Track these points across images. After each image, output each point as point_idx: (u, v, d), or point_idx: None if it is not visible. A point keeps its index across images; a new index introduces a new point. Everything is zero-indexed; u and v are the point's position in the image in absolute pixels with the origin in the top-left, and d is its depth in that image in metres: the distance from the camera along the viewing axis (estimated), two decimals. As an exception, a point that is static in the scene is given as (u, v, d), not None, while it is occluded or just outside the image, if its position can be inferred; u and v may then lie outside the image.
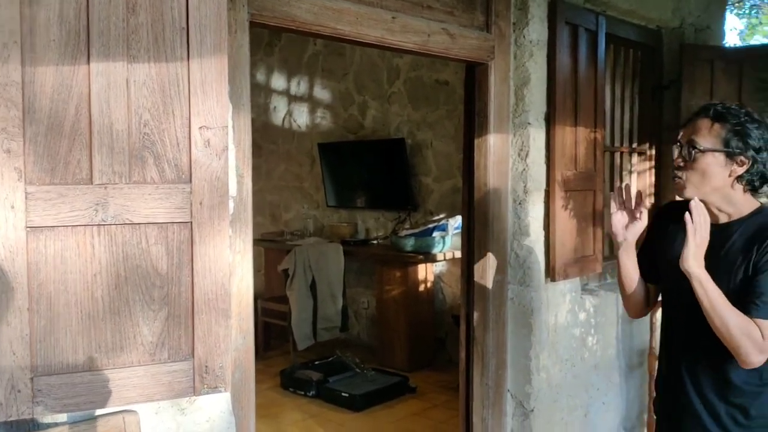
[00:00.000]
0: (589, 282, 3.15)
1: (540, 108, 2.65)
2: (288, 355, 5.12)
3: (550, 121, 2.66)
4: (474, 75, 2.60)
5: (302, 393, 4.47)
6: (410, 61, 5.15)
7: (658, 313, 3.11)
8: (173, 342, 1.39)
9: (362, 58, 5.52)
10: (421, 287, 5.08)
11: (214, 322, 1.42)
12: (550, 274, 2.72)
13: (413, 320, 4.98)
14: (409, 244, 4.89)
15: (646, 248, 1.91)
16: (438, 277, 5.23)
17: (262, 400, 4.41)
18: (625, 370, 3.19)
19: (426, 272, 5.11)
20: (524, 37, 2.58)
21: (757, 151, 1.60)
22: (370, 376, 4.57)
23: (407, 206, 5.30)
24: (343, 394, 4.29)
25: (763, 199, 1.78)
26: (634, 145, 3.46)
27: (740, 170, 1.61)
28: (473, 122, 2.63)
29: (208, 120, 1.41)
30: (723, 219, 1.68)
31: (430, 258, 4.92)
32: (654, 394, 3.08)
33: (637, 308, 1.90)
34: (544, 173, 2.69)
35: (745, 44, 4.62)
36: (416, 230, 5.03)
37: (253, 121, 5.82)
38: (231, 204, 1.69)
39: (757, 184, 1.65)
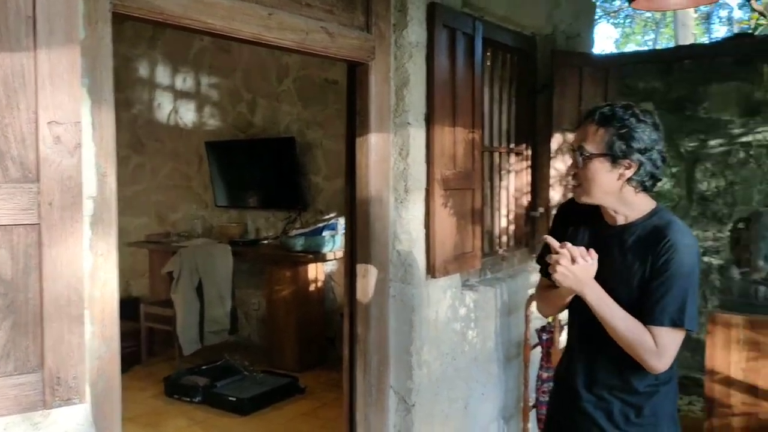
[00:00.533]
0: (470, 278, 3.25)
1: (420, 108, 2.70)
2: (174, 360, 4.94)
3: (429, 121, 2.72)
4: (355, 74, 2.61)
5: (188, 399, 4.33)
6: (299, 59, 5.11)
7: (532, 307, 3.27)
8: (20, 353, 1.30)
9: (251, 55, 5.42)
10: (312, 287, 5.06)
11: (67, 330, 1.33)
12: (431, 271, 2.78)
13: (303, 320, 4.95)
14: (299, 243, 4.86)
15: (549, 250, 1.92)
16: (329, 277, 5.22)
17: (144, 409, 4.26)
18: (503, 361, 3.33)
19: (316, 272, 5.09)
20: (404, 38, 2.62)
21: (643, 152, 1.59)
22: (259, 378, 4.50)
23: (297, 206, 5.26)
24: (231, 398, 4.19)
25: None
26: (512, 146, 3.61)
27: (628, 173, 1.61)
28: (355, 121, 2.64)
29: (58, 115, 1.32)
30: (621, 220, 1.69)
31: (321, 257, 4.90)
32: (530, 384, 3.23)
33: (555, 310, 1.94)
34: (424, 172, 2.75)
35: (610, 53, 4.94)
36: (306, 230, 5.00)
37: (136, 117, 5.59)
38: (90, 204, 1.60)
39: (648, 184, 1.65)
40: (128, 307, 5.77)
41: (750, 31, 6.26)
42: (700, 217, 4.36)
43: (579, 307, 1.71)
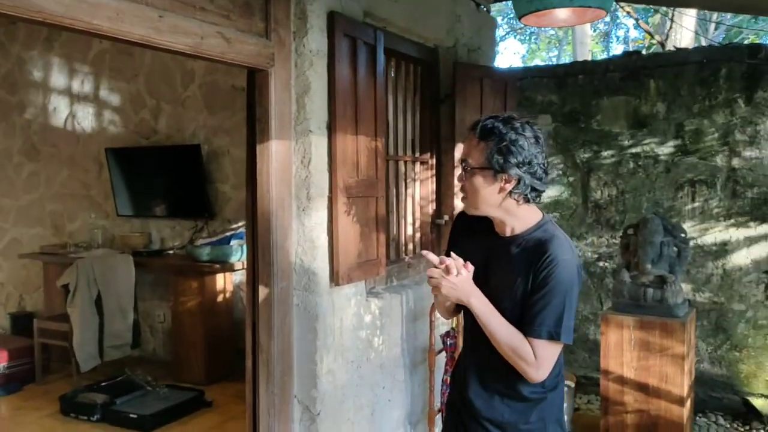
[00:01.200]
0: (375, 285, 3.27)
1: (322, 116, 2.71)
2: (71, 378, 4.68)
3: (331, 129, 2.72)
4: (255, 81, 2.58)
5: (86, 418, 4.12)
6: (205, 65, 5.00)
7: (436, 312, 3.33)
8: None
9: (153, 59, 5.25)
10: (219, 297, 4.94)
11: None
12: (335, 278, 2.77)
13: (211, 332, 4.82)
14: (206, 253, 4.74)
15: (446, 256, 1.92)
16: (237, 287, 5.12)
17: (39, 429, 4.03)
18: (410, 367, 3.37)
19: (224, 282, 4.98)
20: (304, 46, 2.62)
21: (521, 166, 1.61)
22: (163, 393, 4.34)
23: (204, 214, 5.13)
24: (132, 415, 4.02)
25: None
26: (417, 155, 3.68)
27: (508, 186, 1.63)
28: (255, 128, 2.61)
29: None
30: (508, 232, 1.72)
31: (228, 267, 4.80)
32: (436, 389, 3.28)
33: (451, 313, 1.95)
34: (326, 180, 2.75)
35: (509, 66, 5.13)
36: (213, 239, 4.88)
37: (30, 122, 5.30)
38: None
39: (530, 196, 1.67)
40: (21, 322, 5.46)
41: (641, 50, 6.67)
42: (595, 223, 4.60)
43: (469, 313, 1.74)
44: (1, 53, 5.90)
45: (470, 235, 1.82)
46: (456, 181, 1.82)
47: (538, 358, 1.63)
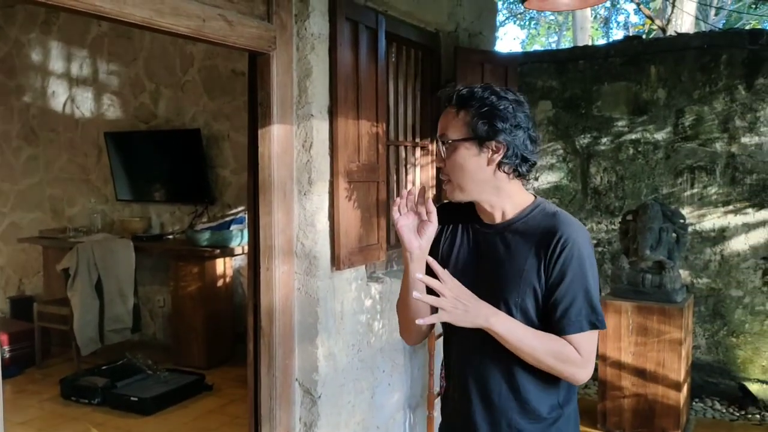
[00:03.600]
0: (376, 270, 3.28)
1: (323, 100, 2.70)
2: (72, 362, 4.71)
3: (333, 113, 2.72)
4: (256, 65, 2.57)
5: (86, 401, 4.15)
6: (205, 49, 4.98)
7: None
8: None
9: (153, 43, 5.23)
10: (220, 282, 4.96)
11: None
12: (336, 263, 2.78)
13: (211, 316, 4.85)
14: (206, 238, 4.75)
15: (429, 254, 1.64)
16: (237, 272, 5.14)
17: (38, 413, 4.05)
18: (410, 351, 3.39)
19: (224, 266, 5.00)
20: (306, 29, 2.61)
21: (509, 131, 1.42)
22: (164, 377, 4.36)
23: (204, 199, 5.14)
24: (133, 398, 4.05)
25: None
26: (417, 140, 3.68)
27: (497, 157, 1.43)
28: (257, 112, 2.61)
29: None
30: (498, 217, 1.50)
31: (228, 252, 4.82)
32: (435, 373, 3.30)
33: (418, 334, 1.60)
34: (328, 164, 2.75)
35: (510, 51, 5.12)
36: (213, 224, 4.89)
37: (28, 106, 5.29)
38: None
39: (522, 169, 1.46)
40: (21, 306, 5.48)
41: (642, 35, 6.65)
42: (594, 210, 4.61)
43: (454, 333, 1.49)
44: (0, 37, 5.87)
45: (450, 232, 1.57)
46: (436, 164, 1.55)
47: (583, 354, 1.41)
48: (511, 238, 1.47)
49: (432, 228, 1.47)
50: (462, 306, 1.38)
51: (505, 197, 1.49)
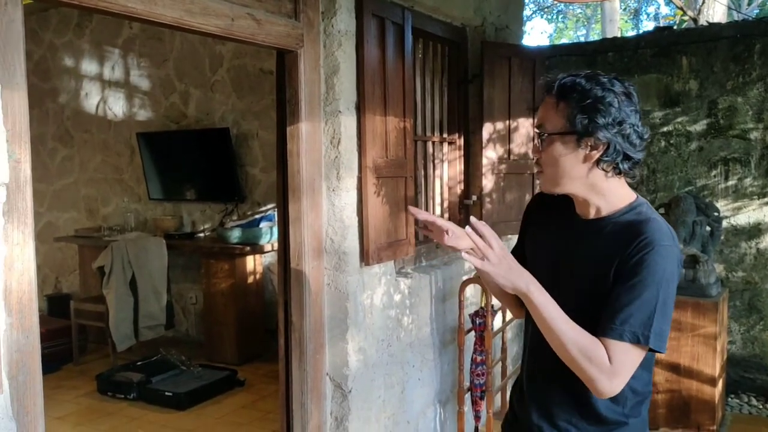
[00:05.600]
0: (404, 265, 3.29)
1: (350, 97, 2.72)
2: (107, 358, 4.82)
3: (360, 109, 2.73)
4: (284, 63, 2.60)
5: (122, 396, 4.24)
6: (233, 48, 5.04)
7: (466, 292, 3.35)
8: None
9: (183, 44, 5.31)
10: (250, 279, 5.02)
11: (-22, 320, 1.29)
12: (365, 258, 2.80)
13: (242, 313, 4.91)
14: (236, 235, 4.81)
15: (517, 246, 1.64)
16: (267, 269, 5.19)
17: (75, 408, 4.15)
18: (439, 346, 3.39)
19: (255, 263, 5.06)
20: (333, 26, 2.62)
21: (611, 127, 1.32)
22: (197, 372, 4.44)
23: (234, 197, 5.20)
24: (167, 393, 4.12)
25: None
26: (445, 135, 3.67)
27: (596, 154, 1.35)
28: (285, 110, 2.63)
29: (-37, 98, 1.27)
30: (592, 213, 1.43)
31: (258, 249, 4.87)
32: (465, 368, 3.29)
33: (513, 306, 1.63)
34: (356, 160, 2.76)
35: (538, 45, 5.08)
36: (243, 221, 4.95)
37: (62, 108, 5.40)
38: (2, 191, 1.55)
39: (623, 167, 1.37)
40: (58, 304, 5.61)
41: (673, 26, 6.53)
42: (625, 203, 4.54)
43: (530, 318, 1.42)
44: (34, 40, 6.01)
45: (543, 219, 1.53)
46: (531, 154, 1.50)
47: (614, 364, 1.28)
48: (598, 236, 1.39)
49: (454, 244, 1.45)
50: (506, 264, 1.30)
51: (598, 195, 1.40)
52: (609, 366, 1.28)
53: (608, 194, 1.40)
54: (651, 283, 1.29)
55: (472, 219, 1.34)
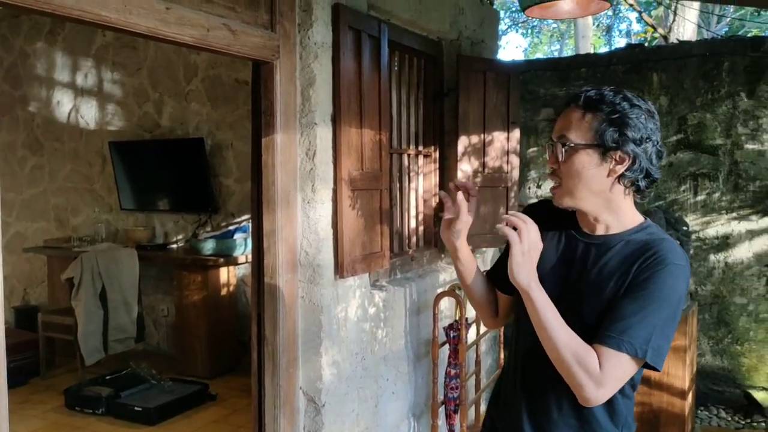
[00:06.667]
0: (379, 278, 3.28)
1: (326, 108, 2.71)
2: (76, 372, 4.71)
3: (336, 121, 2.73)
4: (260, 74, 2.59)
5: (91, 411, 4.15)
6: (208, 58, 5.01)
7: (440, 305, 3.34)
8: None
9: (157, 52, 5.26)
10: (223, 291, 4.96)
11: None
12: (339, 271, 2.79)
13: (215, 325, 4.85)
14: (209, 247, 4.76)
15: (504, 257, 1.57)
16: (241, 281, 5.14)
17: (42, 423, 4.05)
18: (413, 359, 3.38)
19: (228, 275, 5.00)
20: (309, 38, 2.62)
21: (638, 143, 1.32)
22: (168, 386, 4.36)
23: (208, 208, 5.15)
24: (137, 408, 4.04)
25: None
26: (420, 148, 3.68)
27: (621, 168, 1.34)
28: (260, 121, 2.62)
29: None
30: (600, 230, 1.41)
31: (232, 261, 4.82)
32: (439, 381, 3.28)
33: (486, 318, 1.64)
34: (331, 172, 2.75)
35: (512, 60, 5.14)
36: (217, 233, 4.90)
37: (33, 116, 5.30)
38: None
39: (641, 184, 1.36)
40: (25, 316, 5.49)
41: (644, 43, 6.67)
42: (598, 216, 4.59)
43: (528, 321, 1.37)
44: (5, 46, 5.91)
45: (545, 228, 1.45)
46: (548, 165, 1.44)
47: (603, 371, 1.26)
48: (607, 254, 1.37)
49: (460, 223, 1.44)
50: (529, 258, 1.30)
51: (612, 213, 1.39)
52: (599, 374, 1.26)
53: (621, 213, 1.39)
54: (657, 298, 1.28)
55: (505, 216, 1.34)
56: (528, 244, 1.29)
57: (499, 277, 1.54)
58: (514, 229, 1.30)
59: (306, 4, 2.60)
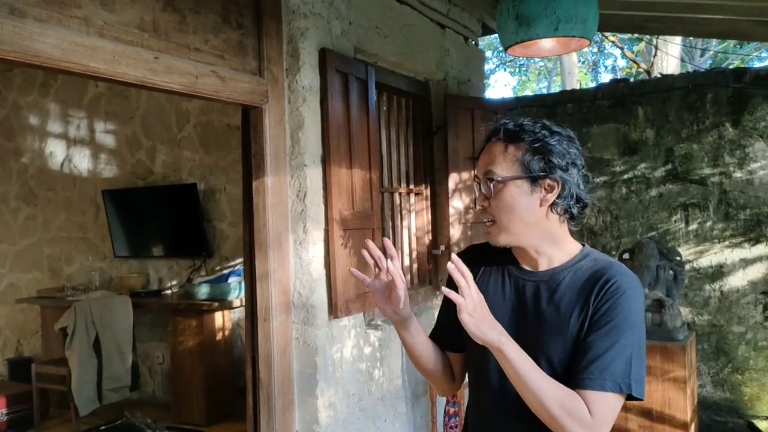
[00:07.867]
0: (374, 317, 3.27)
1: (316, 150, 2.75)
2: (70, 423, 4.62)
3: (326, 162, 2.76)
4: (249, 118, 2.63)
5: (85, 463, 4.06)
6: (200, 105, 5.08)
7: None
8: None
9: (149, 101, 5.32)
10: (219, 335, 4.91)
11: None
12: (333, 311, 2.78)
13: (211, 371, 4.79)
14: (203, 291, 4.73)
15: (444, 309, 1.53)
16: (236, 324, 5.10)
17: (34, 477, 3.96)
18: (411, 399, 3.34)
19: (223, 320, 4.96)
20: (297, 82, 2.67)
21: (564, 168, 1.31)
22: (163, 435, 4.28)
23: (202, 253, 5.14)
24: (132, 458, 3.97)
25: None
26: (411, 186, 3.71)
27: (551, 196, 1.31)
28: (251, 165, 2.65)
29: None
30: (543, 264, 1.37)
31: (227, 305, 4.79)
32: (438, 420, 3.24)
33: (443, 385, 1.53)
34: (323, 213, 2.77)
35: (500, 97, 5.22)
36: (211, 277, 4.88)
37: (26, 167, 5.32)
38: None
39: (574, 210, 1.34)
40: (19, 367, 5.41)
41: (629, 78, 6.80)
42: (591, 249, 4.61)
43: (486, 375, 1.36)
44: (-2, 100, 5.98)
45: (484, 272, 1.43)
46: (478, 204, 1.40)
47: (595, 416, 1.21)
48: (556, 288, 1.33)
49: (398, 294, 1.32)
50: (480, 313, 1.21)
51: (554, 243, 1.36)
52: (590, 421, 1.21)
53: (560, 242, 1.36)
54: (625, 327, 1.25)
55: (454, 256, 1.25)
56: (473, 301, 1.21)
57: (446, 334, 1.47)
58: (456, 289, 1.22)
59: (293, 50, 2.66)
